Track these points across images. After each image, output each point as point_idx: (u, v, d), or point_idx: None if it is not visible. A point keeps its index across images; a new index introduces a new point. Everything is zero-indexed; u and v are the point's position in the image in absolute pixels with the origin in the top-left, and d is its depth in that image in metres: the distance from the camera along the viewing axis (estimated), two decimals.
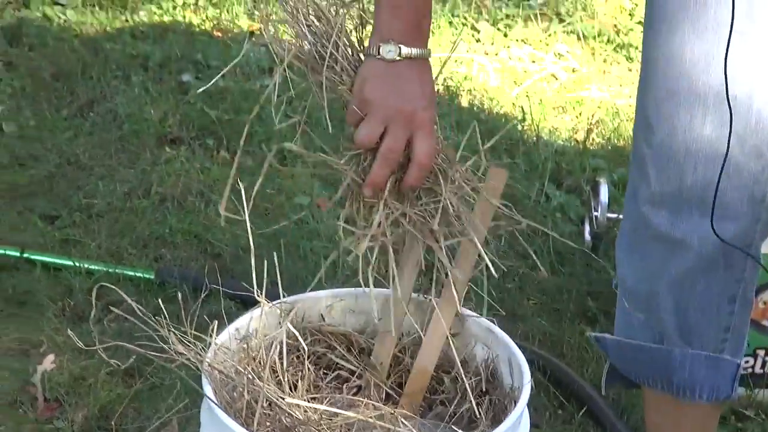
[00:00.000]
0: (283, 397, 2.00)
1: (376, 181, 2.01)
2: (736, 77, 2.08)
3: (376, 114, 2.01)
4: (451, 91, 4.35)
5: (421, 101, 2.03)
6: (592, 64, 4.45)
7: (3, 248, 3.34)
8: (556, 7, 4.75)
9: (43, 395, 2.90)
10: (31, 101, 4.04)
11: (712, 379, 2.29)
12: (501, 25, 4.61)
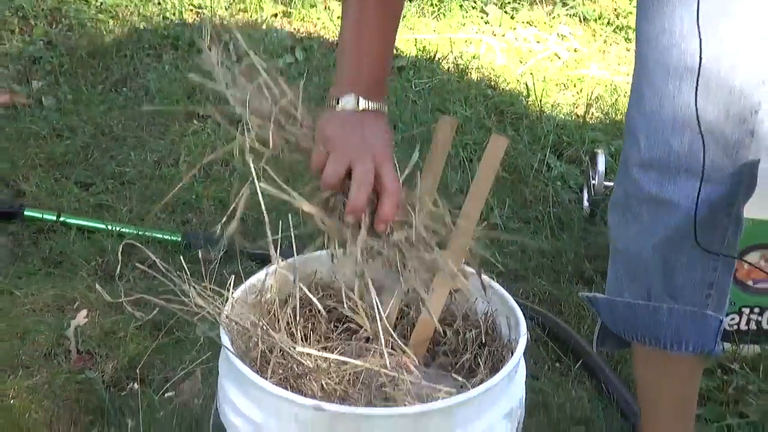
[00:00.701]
0: (295, 346, 2.00)
1: (356, 205, 1.99)
2: (719, 48, 2.10)
3: (340, 150, 2.00)
4: (461, 69, 4.34)
5: (381, 139, 2.04)
6: (592, 45, 4.44)
7: (41, 212, 3.35)
8: None
9: (76, 348, 2.91)
10: (69, 77, 4.04)
11: (697, 334, 2.30)
12: (508, 8, 4.60)
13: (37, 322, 2.99)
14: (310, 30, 4.36)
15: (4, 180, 3.52)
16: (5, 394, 2.76)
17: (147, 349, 2.91)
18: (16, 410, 2.72)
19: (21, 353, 2.89)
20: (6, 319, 3.00)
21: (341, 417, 1.92)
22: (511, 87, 4.11)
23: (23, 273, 3.18)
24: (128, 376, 2.85)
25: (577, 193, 3.55)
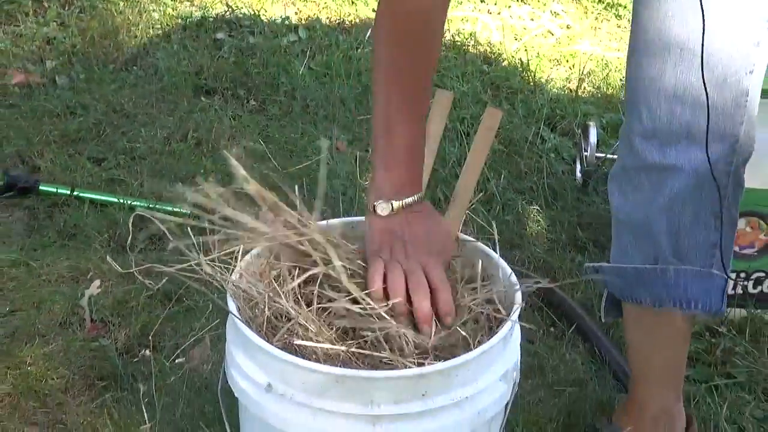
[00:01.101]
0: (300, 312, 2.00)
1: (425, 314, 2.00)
2: (717, 15, 2.14)
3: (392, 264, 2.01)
4: (458, 46, 4.34)
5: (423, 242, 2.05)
6: (584, 22, 4.44)
7: (56, 187, 3.35)
8: None
9: (90, 316, 2.91)
10: (81, 57, 4.04)
11: (705, 293, 2.32)
12: None
13: (53, 293, 2.99)
14: (313, 10, 4.35)
15: (20, 156, 3.52)
16: (23, 361, 2.77)
17: (158, 317, 2.92)
18: (33, 376, 2.73)
19: (37, 322, 2.89)
20: (23, 289, 3.00)
21: (344, 379, 1.92)
22: (507, 63, 4.11)
23: (39, 245, 3.18)
24: (140, 344, 2.85)
25: (570, 164, 3.54)
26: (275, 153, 3.40)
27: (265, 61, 4.01)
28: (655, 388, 2.52)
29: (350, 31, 4.22)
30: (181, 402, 2.66)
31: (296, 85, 3.89)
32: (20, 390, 2.69)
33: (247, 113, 3.78)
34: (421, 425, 1.95)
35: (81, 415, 2.64)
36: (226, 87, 3.91)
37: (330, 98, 3.84)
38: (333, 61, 4.03)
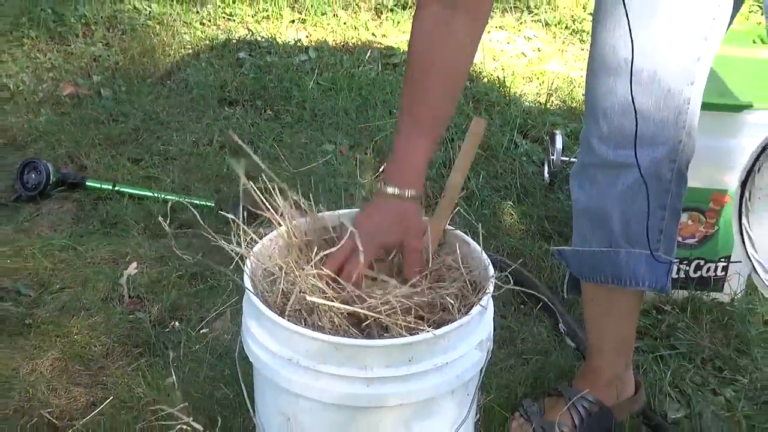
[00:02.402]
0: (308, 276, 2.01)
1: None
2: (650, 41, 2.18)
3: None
4: None
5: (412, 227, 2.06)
6: (553, 45, 4.43)
7: (100, 183, 3.35)
8: (526, 2, 4.71)
9: (128, 293, 2.91)
10: (123, 72, 4.03)
11: (651, 273, 2.34)
12: None
13: (96, 273, 2.99)
14: (321, 34, 4.35)
15: (70, 156, 3.52)
16: (70, 331, 2.77)
17: (186, 294, 2.92)
18: (79, 344, 2.73)
19: (83, 298, 2.89)
20: (70, 270, 3.00)
21: (342, 347, 1.93)
22: (486, 80, 4.10)
23: (85, 232, 3.18)
24: (170, 316, 2.86)
25: (539, 166, 3.54)
26: (287, 155, 3.40)
27: (280, 77, 4.00)
28: (608, 357, 2.53)
29: (353, 52, 4.22)
30: (205, 366, 2.66)
31: (306, 98, 3.88)
32: (68, 355, 2.69)
33: (263, 121, 3.78)
34: (407, 386, 1.96)
35: (119, 377, 2.64)
36: (246, 99, 3.90)
37: (335, 109, 3.84)
38: (338, 77, 4.03)
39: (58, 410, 2.53)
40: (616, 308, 2.48)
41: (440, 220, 2.20)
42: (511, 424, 2.52)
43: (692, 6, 2.20)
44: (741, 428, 2.60)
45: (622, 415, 2.54)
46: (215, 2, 4.49)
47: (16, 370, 2.64)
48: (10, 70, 3.99)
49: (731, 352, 2.81)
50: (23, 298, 2.90)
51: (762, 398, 2.68)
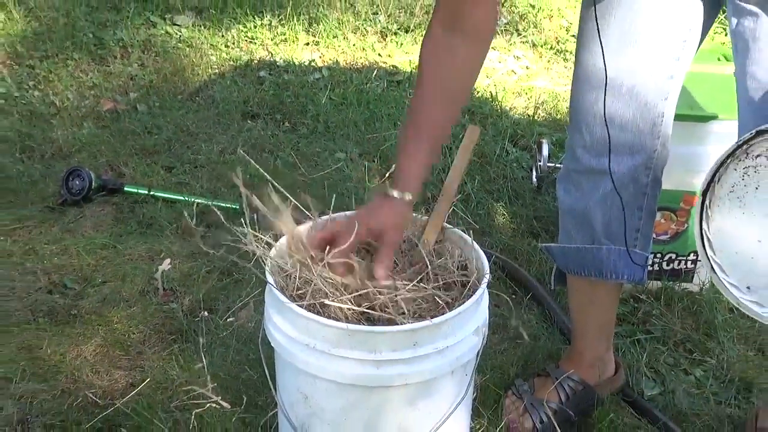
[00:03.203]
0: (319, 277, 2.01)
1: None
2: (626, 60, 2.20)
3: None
4: None
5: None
6: (539, 64, 4.43)
7: (137, 188, 3.35)
8: (515, 25, 4.71)
9: (162, 287, 2.92)
10: (157, 90, 4.04)
11: (629, 267, 2.35)
12: None
13: (134, 268, 2.99)
14: (333, 55, 4.35)
15: (110, 165, 3.53)
16: (111, 320, 2.77)
17: (215, 287, 2.93)
18: (119, 332, 2.74)
19: (122, 291, 2.90)
20: (111, 266, 3.00)
21: (354, 333, 1.93)
22: (480, 95, 4.10)
23: (123, 232, 3.18)
24: (200, 307, 2.86)
25: (527, 171, 3.54)
26: (303, 163, 3.40)
27: (296, 93, 4.01)
28: (591, 341, 2.53)
29: (361, 70, 4.22)
30: (231, 351, 2.67)
31: (320, 111, 3.89)
32: (109, 342, 2.70)
33: (282, 132, 3.78)
34: (412, 367, 1.96)
35: (155, 361, 2.64)
36: (266, 112, 3.90)
37: (345, 121, 3.84)
38: (348, 93, 4.03)
39: (101, 391, 2.53)
40: (598, 298, 2.48)
41: (438, 218, 2.21)
42: (505, 401, 2.52)
43: (666, 30, 2.21)
44: (709, 404, 2.60)
45: (604, 392, 2.55)
46: (238, 27, 4.49)
47: (63, 356, 2.64)
48: (57, 88, 3.99)
49: (700, 336, 2.81)
50: (69, 291, 2.91)
51: (728, 377, 2.68)
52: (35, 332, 2.73)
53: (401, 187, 2.02)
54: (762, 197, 1.89)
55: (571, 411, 2.48)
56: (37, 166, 3.51)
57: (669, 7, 2.18)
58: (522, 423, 2.46)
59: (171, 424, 2.38)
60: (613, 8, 2.19)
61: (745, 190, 1.89)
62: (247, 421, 2.42)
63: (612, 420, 2.48)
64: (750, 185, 1.88)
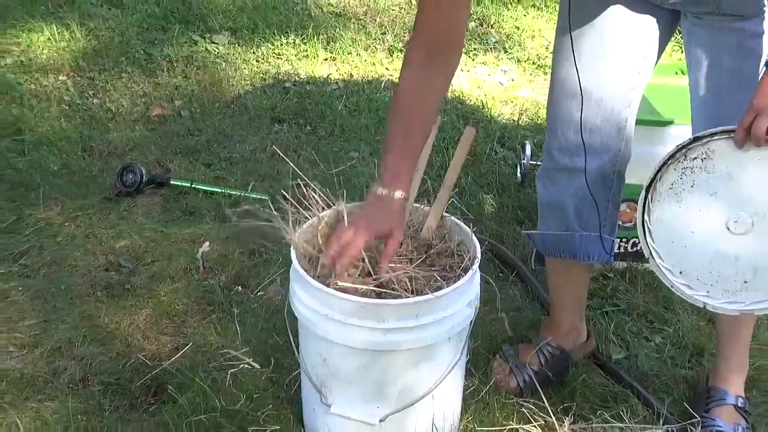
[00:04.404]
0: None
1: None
2: (596, 73, 2.22)
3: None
4: None
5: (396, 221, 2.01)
6: (523, 77, 4.41)
7: (181, 181, 3.35)
8: (503, 44, 4.70)
9: (202, 265, 2.92)
10: (198, 98, 4.03)
11: (599, 249, 2.36)
12: (471, 54, 4.56)
13: (178, 250, 3.00)
14: (347, 69, 4.34)
15: (158, 162, 3.53)
16: (159, 293, 2.78)
17: (247, 266, 2.93)
18: (166, 304, 2.74)
19: (168, 268, 2.90)
20: (159, 247, 3.01)
21: (365, 306, 1.93)
22: (473, 102, 4.08)
23: (169, 219, 3.19)
24: (235, 282, 2.87)
25: (513, 168, 3.53)
26: (322, 160, 3.39)
27: (316, 101, 4.00)
28: (566, 313, 2.54)
29: (372, 82, 4.20)
30: (261, 320, 2.67)
31: (336, 117, 3.88)
32: (157, 312, 2.70)
33: (304, 135, 3.77)
34: (415, 335, 1.97)
35: (196, 328, 2.65)
36: (291, 117, 3.89)
37: (358, 125, 3.83)
38: (360, 101, 4.02)
39: (150, 353, 2.54)
40: (572, 276, 2.49)
41: (439, 207, 2.22)
42: (493, 363, 2.52)
43: (629, 49, 2.22)
44: (667, 366, 2.61)
45: (577, 356, 2.55)
46: (267, 45, 4.48)
47: (118, 324, 2.65)
48: (113, 96, 3.99)
49: (659, 309, 2.81)
50: (123, 269, 2.91)
51: (683, 343, 2.69)
52: (94, 304, 2.74)
53: (393, 187, 1.99)
54: (696, 194, 1.92)
55: (549, 372, 2.48)
56: (96, 163, 3.51)
57: (632, 29, 2.19)
58: (508, 382, 2.46)
59: (209, 382, 2.39)
60: (585, 32, 2.20)
61: (682, 187, 1.93)
62: (274, 379, 2.43)
63: (584, 380, 2.49)
64: (686, 183, 1.92)
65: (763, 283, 1.92)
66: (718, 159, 1.89)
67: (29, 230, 3.07)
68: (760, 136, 1.80)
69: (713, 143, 1.89)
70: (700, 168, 1.91)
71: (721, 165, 1.89)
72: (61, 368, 2.49)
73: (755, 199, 1.89)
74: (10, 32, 4.45)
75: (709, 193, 1.91)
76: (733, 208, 1.90)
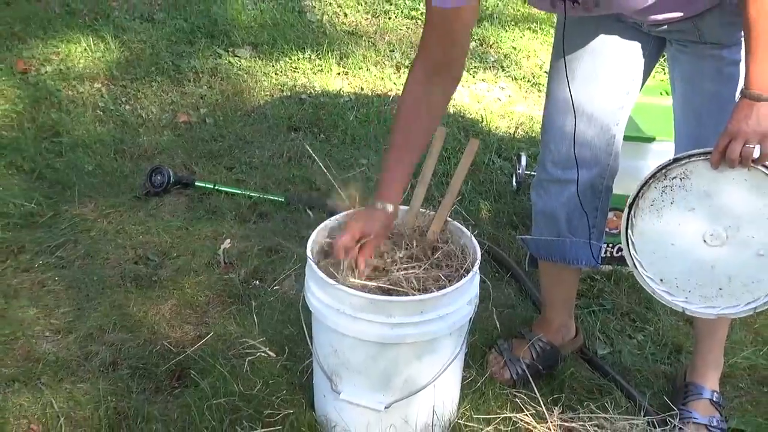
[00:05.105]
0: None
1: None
2: (590, 93, 2.21)
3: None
4: None
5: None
6: (519, 93, 4.40)
7: (204, 183, 3.34)
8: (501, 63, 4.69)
9: (223, 261, 2.91)
10: (221, 107, 4.03)
11: (587, 254, 2.37)
12: (471, 71, 4.56)
13: (201, 246, 2.99)
14: (358, 83, 4.34)
15: (184, 165, 3.52)
16: (183, 286, 2.78)
17: (264, 261, 2.92)
18: (189, 295, 2.74)
19: (192, 263, 2.90)
20: (183, 243, 3.01)
21: (374, 302, 1.93)
22: (472, 116, 4.08)
23: (194, 218, 3.18)
24: (253, 277, 2.85)
25: (509, 177, 3.52)
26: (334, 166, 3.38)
27: (330, 112, 3.99)
28: (557, 311, 2.54)
29: (381, 95, 4.20)
30: (277, 312, 2.67)
31: (348, 126, 3.87)
32: (181, 303, 2.70)
33: (318, 142, 3.77)
34: (419, 329, 1.97)
35: (217, 319, 2.65)
36: (306, 126, 3.89)
37: (367, 135, 3.83)
38: (370, 113, 4.01)
39: (175, 341, 2.54)
40: (562, 278, 2.48)
41: (443, 213, 2.22)
42: (489, 357, 2.52)
43: (619, 72, 2.22)
44: (648, 362, 2.61)
45: (566, 351, 2.55)
46: (285, 59, 4.48)
47: (145, 313, 2.65)
48: (143, 104, 3.99)
49: (641, 309, 2.80)
50: (151, 263, 2.91)
51: (663, 341, 2.69)
52: (124, 294, 2.74)
53: (386, 200, 2.07)
54: (675, 210, 1.95)
55: (540, 365, 2.48)
56: (128, 164, 3.50)
57: (622, 54, 2.20)
58: (502, 374, 2.46)
59: (229, 368, 2.39)
60: (579, 55, 2.20)
61: (662, 204, 1.96)
62: (288, 367, 2.43)
63: (572, 373, 2.48)
64: (666, 200, 1.95)
65: (736, 289, 1.96)
66: (696, 178, 1.92)
67: (65, 225, 3.07)
68: (733, 158, 1.84)
69: (691, 164, 1.92)
70: (679, 186, 1.94)
71: (699, 184, 1.92)
72: (92, 353, 2.49)
73: (729, 214, 1.92)
74: (50, 43, 4.44)
75: (687, 209, 1.94)
76: (709, 222, 1.94)
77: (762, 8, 1.79)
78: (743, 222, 1.91)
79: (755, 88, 1.81)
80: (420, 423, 2.13)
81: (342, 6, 5.15)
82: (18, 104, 3.89)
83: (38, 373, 2.40)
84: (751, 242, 1.92)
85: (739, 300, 1.96)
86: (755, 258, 1.92)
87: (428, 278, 2.05)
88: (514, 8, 5.22)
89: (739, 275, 1.94)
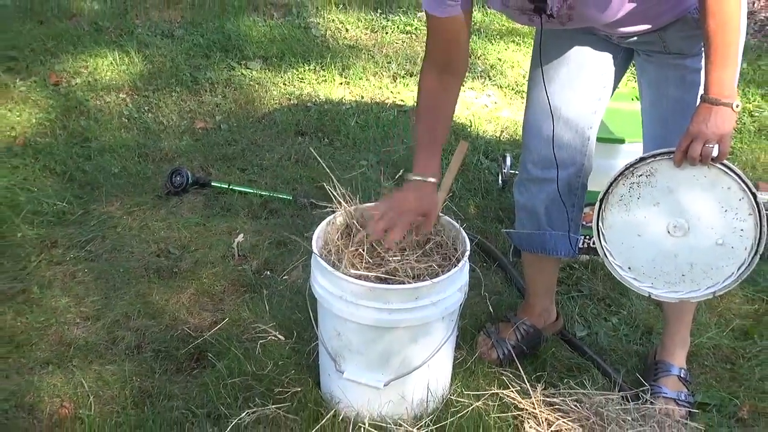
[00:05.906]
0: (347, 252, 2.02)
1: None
2: (568, 100, 2.21)
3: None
4: None
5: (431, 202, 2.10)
6: (504, 100, 4.39)
7: (220, 183, 3.34)
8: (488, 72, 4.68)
9: (237, 253, 2.91)
10: (235, 114, 4.02)
11: (566, 246, 2.36)
12: None
13: (217, 240, 2.99)
14: (359, 92, 4.33)
15: (201, 166, 3.51)
16: (201, 277, 2.78)
17: (274, 254, 2.92)
18: (206, 285, 2.74)
19: (209, 256, 2.90)
20: (201, 238, 3.00)
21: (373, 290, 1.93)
22: (462, 121, 4.07)
23: (210, 215, 3.17)
24: (264, 268, 2.85)
25: (495, 176, 3.51)
26: (337, 167, 3.38)
27: (333, 118, 3.98)
28: (539, 297, 2.53)
29: (379, 102, 4.19)
30: (286, 300, 2.67)
31: (349, 131, 3.86)
32: (199, 292, 2.70)
33: (323, 146, 3.76)
34: (414, 314, 1.97)
35: (232, 306, 2.65)
36: (312, 131, 3.88)
37: (367, 138, 3.82)
38: (369, 119, 4.00)
39: (193, 326, 2.54)
40: (544, 267, 2.48)
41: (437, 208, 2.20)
42: (478, 339, 2.52)
43: (592, 80, 2.22)
44: (622, 343, 2.60)
45: (548, 333, 2.55)
46: (292, 71, 4.47)
47: (167, 301, 2.65)
48: (164, 111, 3.98)
49: (616, 294, 2.80)
50: (171, 255, 2.90)
51: (635, 323, 2.68)
52: (147, 284, 2.74)
53: (428, 174, 2.08)
54: (642, 204, 1.98)
55: (524, 346, 2.48)
56: (150, 167, 3.50)
57: (594, 63, 2.20)
58: (490, 354, 2.46)
59: (242, 351, 2.39)
60: (555, 65, 2.21)
61: (630, 199, 1.97)
62: (296, 349, 2.43)
63: (553, 353, 2.49)
64: (633, 196, 1.97)
65: (697, 275, 1.98)
66: (660, 176, 1.93)
67: (94, 222, 3.07)
68: (695, 157, 1.87)
69: (656, 163, 1.93)
70: (645, 183, 1.95)
71: (663, 181, 1.93)
72: (119, 337, 2.49)
73: (690, 208, 1.94)
74: (80, 57, 4.44)
75: (652, 204, 1.95)
76: (672, 215, 1.95)
77: (720, 21, 1.81)
78: (703, 214, 1.92)
79: (713, 93, 1.83)
80: (416, 399, 2.13)
81: (344, 22, 5.14)
82: (51, 113, 3.88)
83: (70, 356, 2.40)
84: (710, 233, 1.93)
85: (699, 285, 1.98)
86: (714, 247, 1.93)
87: (422, 268, 2.05)
88: (500, 23, 5.22)
89: (699, 262, 1.96)
